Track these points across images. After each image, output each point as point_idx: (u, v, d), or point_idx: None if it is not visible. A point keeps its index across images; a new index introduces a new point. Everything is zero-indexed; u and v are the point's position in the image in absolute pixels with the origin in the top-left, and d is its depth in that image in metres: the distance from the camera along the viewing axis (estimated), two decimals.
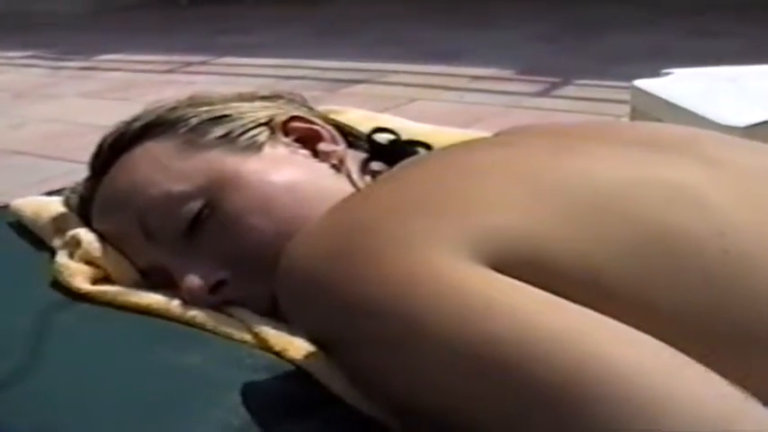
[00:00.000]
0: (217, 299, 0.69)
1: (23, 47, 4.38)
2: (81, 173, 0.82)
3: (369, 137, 0.81)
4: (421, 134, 0.85)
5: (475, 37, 3.79)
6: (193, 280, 0.69)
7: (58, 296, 0.70)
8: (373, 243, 0.48)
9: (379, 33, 4.05)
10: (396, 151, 0.76)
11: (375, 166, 0.78)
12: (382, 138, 0.82)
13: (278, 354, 0.63)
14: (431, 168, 0.56)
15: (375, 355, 0.47)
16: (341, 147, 0.77)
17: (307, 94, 0.85)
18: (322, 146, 0.76)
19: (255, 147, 0.73)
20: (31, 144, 2.45)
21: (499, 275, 0.46)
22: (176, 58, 3.77)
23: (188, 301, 0.68)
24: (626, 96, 1.36)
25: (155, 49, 4.00)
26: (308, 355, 0.62)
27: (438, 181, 0.53)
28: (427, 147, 0.81)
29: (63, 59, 3.98)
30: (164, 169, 0.72)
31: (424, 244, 0.47)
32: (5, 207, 0.86)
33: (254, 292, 0.68)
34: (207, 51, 3.86)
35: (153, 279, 0.72)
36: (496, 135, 0.68)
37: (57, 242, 0.76)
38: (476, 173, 0.53)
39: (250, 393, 0.59)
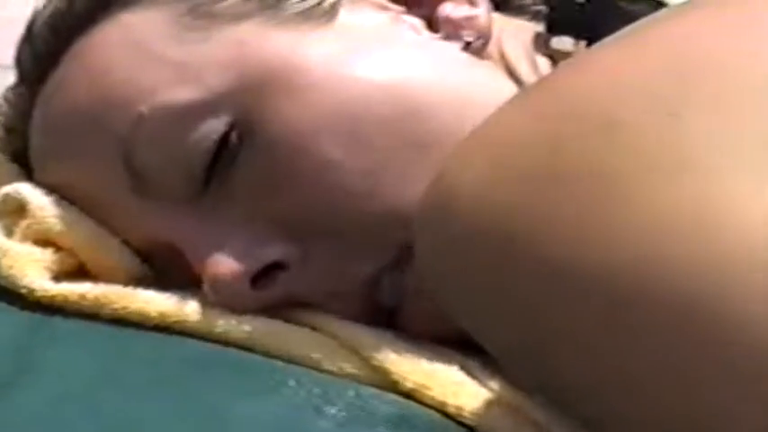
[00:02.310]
0: (268, 296, 0.53)
1: None
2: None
3: None
4: None
5: None
6: (222, 262, 0.51)
7: None
8: (635, 162, 0.35)
9: None
10: (607, 14, 0.58)
11: (560, 43, 0.60)
12: None
13: (409, 395, 0.49)
14: (713, 21, 0.39)
15: (644, 384, 0.34)
16: (481, 10, 0.59)
17: None
18: (446, 9, 0.59)
19: (322, 14, 0.55)
20: None
21: None
22: None
23: (218, 302, 0.52)
24: None
25: None
26: (467, 397, 0.49)
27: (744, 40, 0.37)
28: (659, 4, 0.61)
29: None
30: (154, 62, 0.55)
31: (740, 170, 0.33)
32: None
33: (341, 282, 0.53)
34: None
35: (162, 266, 0.56)
36: None
37: None
38: None
39: None
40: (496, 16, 0.61)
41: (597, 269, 0.35)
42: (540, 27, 0.62)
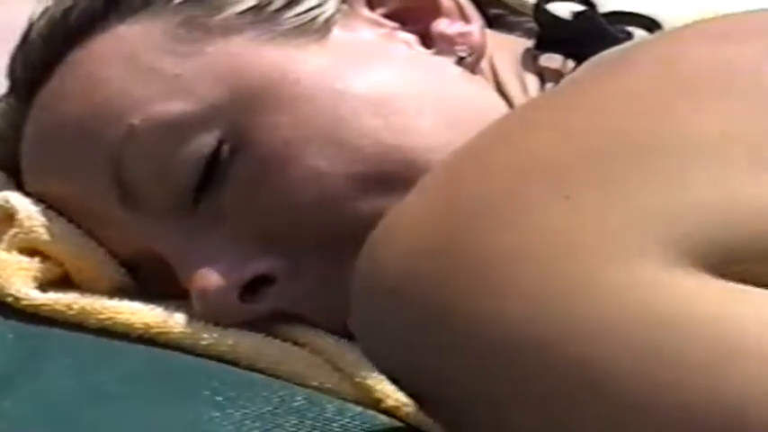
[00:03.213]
0: (255, 309, 0.53)
1: None
2: None
3: (537, 5, 0.63)
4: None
5: None
6: (209, 276, 0.52)
7: None
8: (528, 243, 0.39)
9: None
10: (588, 33, 0.59)
11: (548, 60, 0.61)
12: (562, 8, 0.63)
13: (391, 413, 0.48)
14: (642, 78, 0.44)
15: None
16: (475, 26, 0.59)
17: None
18: (440, 25, 0.59)
19: (315, 30, 0.56)
20: None
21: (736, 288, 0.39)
22: None
23: (205, 315, 0.52)
24: None
25: None
26: None
27: (658, 109, 0.41)
28: (654, 24, 0.63)
29: None
30: (147, 75, 0.55)
31: (607, 244, 0.38)
32: None
33: (332, 294, 0.53)
34: None
35: (147, 278, 0.57)
36: None
37: None
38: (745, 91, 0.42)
39: None
40: (489, 32, 0.61)
41: (489, 342, 0.38)
42: (531, 43, 0.62)
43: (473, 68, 0.59)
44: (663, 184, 0.40)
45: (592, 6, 0.63)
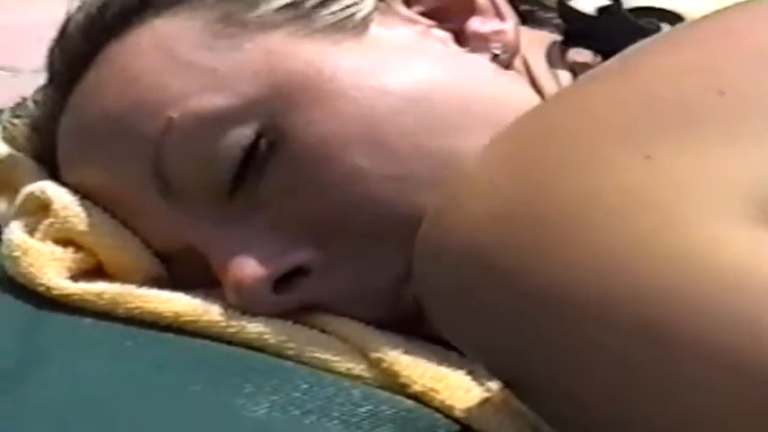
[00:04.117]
0: (290, 300, 0.54)
1: None
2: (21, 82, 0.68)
3: (560, 1, 0.64)
4: None
5: None
6: (245, 265, 0.53)
7: (12, 302, 0.55)
8: (608, 203, 0.37)
9: None
10: (615, 27, 0.60)
11: (577, 55, 0.62)
12: (589, 4, 0.64)
13: (417, 398, 0.50)
14: (691, 53, 0.42)
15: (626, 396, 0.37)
16: (509, 24, 0.60)
17: None
18: (475, 24, 0.60)
19: (353, 26, 0.57)
20: None
21: None
22: None
23: (239, 305, 0.53)
24: None
25: None
26: (474, 401, 0.49)
27: (710, 77, 0.40)
28: (677, 19, 0.63)
29: None
30: (185, 69, 0.56)
31: (686, 199, 0.37)
32: None
33: (360, 286, 0.54)
34: None
35: (181, 269, 0.57)
36: None
37: (2, 207, 0.62)
38: None
39: None
40: (521, 29, 0.61)
41: (563, 303, 0.37)
42: (560, 39, 0.63)
43: (507, 65, 0.60)
44: (745, 146, 0.38)
45: (616, 1, 0.63)
